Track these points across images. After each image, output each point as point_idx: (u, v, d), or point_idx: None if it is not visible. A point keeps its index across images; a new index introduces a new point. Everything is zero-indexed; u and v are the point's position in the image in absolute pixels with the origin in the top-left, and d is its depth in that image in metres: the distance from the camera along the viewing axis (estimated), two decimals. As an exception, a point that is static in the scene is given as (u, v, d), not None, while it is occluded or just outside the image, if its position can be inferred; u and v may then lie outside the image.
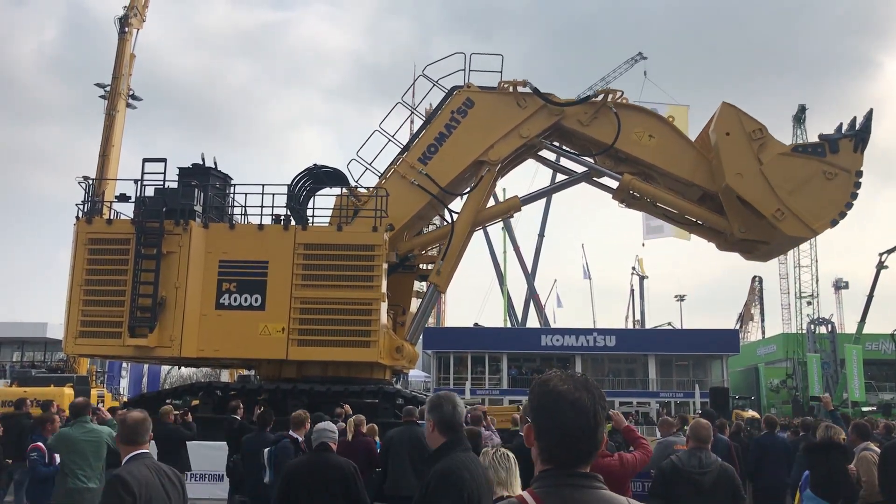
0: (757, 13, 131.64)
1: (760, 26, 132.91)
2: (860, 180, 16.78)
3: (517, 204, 19.11)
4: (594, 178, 19.17)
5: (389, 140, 18.01)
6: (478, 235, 69.68)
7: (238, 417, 12.40)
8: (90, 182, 17.77)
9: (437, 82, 18.21)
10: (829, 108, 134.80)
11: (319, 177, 18.23)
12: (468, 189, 18.39)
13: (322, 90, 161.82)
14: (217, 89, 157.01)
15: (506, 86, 18.17)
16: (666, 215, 19.46)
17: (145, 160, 16.82)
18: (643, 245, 67.11)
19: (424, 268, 19.16)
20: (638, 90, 60.87)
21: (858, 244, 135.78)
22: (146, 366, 41.10)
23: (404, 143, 18.41)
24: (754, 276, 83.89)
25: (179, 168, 17.55)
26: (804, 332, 58.81)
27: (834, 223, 16.78)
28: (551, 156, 19.92)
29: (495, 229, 68.92)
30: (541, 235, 68.39)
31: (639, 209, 19.68)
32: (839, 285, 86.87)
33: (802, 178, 16.71)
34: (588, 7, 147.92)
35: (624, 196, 18.66)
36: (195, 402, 17.67)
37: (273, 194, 17.28)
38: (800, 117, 55.55)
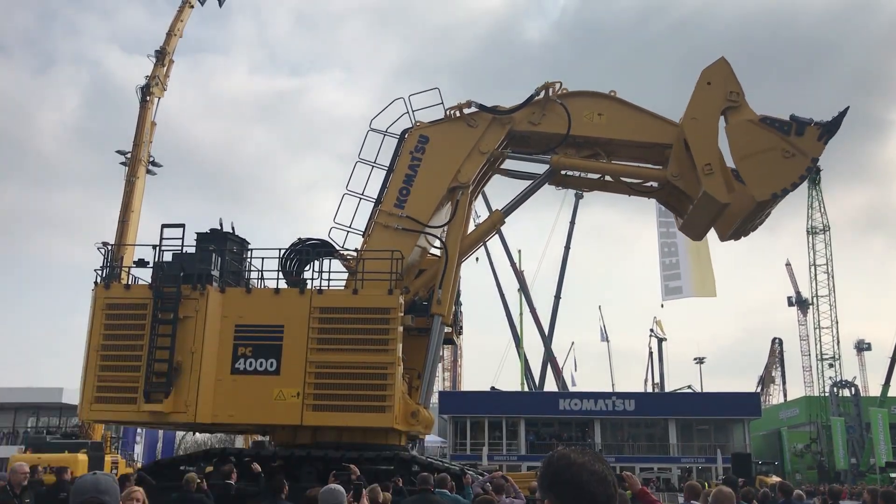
0: (764, 75, 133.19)
1: (768, 88, 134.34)
2: (814, 167, 16.91)
3: (500, 217, 19.41)
4: (559, 174, 19.43)
5: (361, 198, 18.31)
6: (494, 297, 68.99)
7: (232, 482, 12.12)
8: (109, 247, 17.95)
9: (386, 132, 18.64)
10: (845, 168, 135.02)
11: (306, 251, 18.41)
12: (449, 218, 18.63)
13: (337, 155, 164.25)
14: (235, 155, 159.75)
15: (452, 112, 18.65)
16: (606, 185, 19.70)
17: (164, 226, 17.01)
18: (662, 306, 66.77)
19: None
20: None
21: (879, 306, 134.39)
22: (161, 431, 40.89)
23: (375, 197, 18.63)
24: (774, 338, 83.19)
25: (197, 233, 17.74)
26: (827, 395, 57.82)
27: (775, 196, 16.67)
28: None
29: (512, 292, 68.88)
30: (557, 298, 68.14)
31: (575, 187, 19.96)
32: (861, 347, 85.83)
33: (760, 148, 16.76)
34: (601, 72, 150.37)
35: (560, 179, 19.10)
36: (209, 469, 17.47)
37: (289, 258, 17.38)
38: (814, 178, 55.64)
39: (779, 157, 16.61)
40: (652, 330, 73.76)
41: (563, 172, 18.91)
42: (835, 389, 57.00)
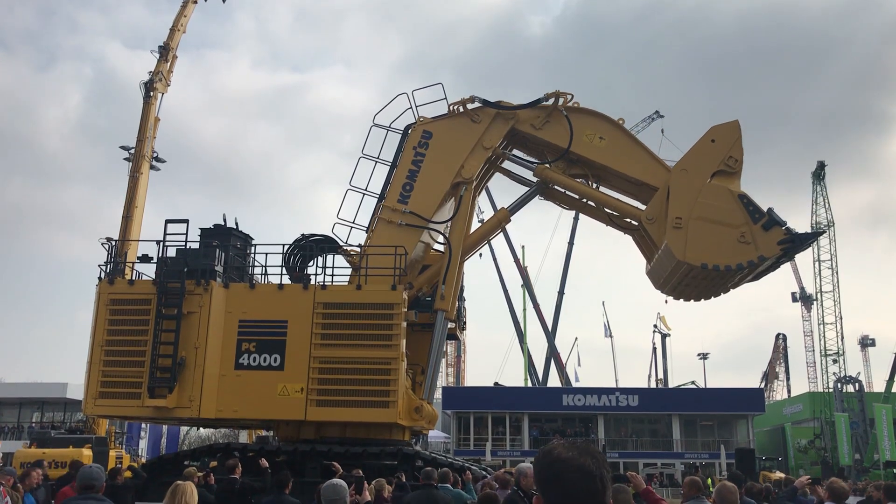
0: (767, 71, 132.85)
1: (773, 85, 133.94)
2: (757, 265, 16.36)
3: (506, 215, 19.40)
4: (551, 185, 19.37)
5: (364, 194, 18.32)
6: (497, 293, 69.25)
7: (237, 477, 12.13)
8: (113, 243, 17.95)
9: (389, 127, 18.65)
10: (849, 164, 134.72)
11: (309, 246, 18.40)
12: (452, 214, 18.61)
13: (340, 151, 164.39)
14: (238, 151, 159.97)
15: (455, 108, 18.66)
16: (585, 208, 19.71)
17: (168, 221, 17.00)
18: (666, 302, 66.55)
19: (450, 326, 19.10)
20: (655, 148, 61.26)
21: (883, 301, 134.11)
22: (165, 426, 40.96)
23: (378, 193, 18.61)
24: (778, 334, 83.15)
25: (201, 229, 17.75)
26: (831, 390, 57.71)
27: (704, 267, 16.28)
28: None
29: (515, 287, 68.90)
30: (561, 293, 68.18)
31: (556, 202, 19.98)
32: (865, 343, 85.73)
33: (721, 219, 16.44)
34: (603, 67, 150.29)
35: (548, 191, 19.17)
36: (213, 464, 17.51)
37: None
38: (819, 174, 55.53)
39: (733, 236, 16.34)
40: (655, 325, 73.86)
41: (549, 184, 18.87)
42: (839, 385, 56.85)
